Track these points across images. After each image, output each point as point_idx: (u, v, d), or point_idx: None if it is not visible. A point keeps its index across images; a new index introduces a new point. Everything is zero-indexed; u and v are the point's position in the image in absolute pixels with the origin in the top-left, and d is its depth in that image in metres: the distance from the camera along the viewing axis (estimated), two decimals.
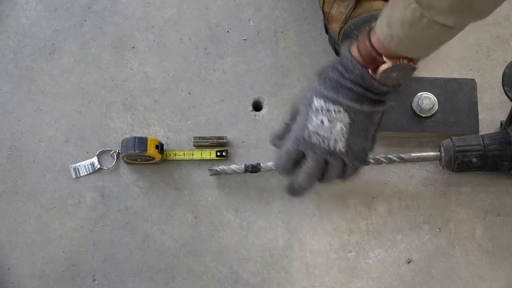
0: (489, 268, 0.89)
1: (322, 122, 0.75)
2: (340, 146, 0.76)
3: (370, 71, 0.72)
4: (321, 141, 0.76)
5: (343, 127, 0.75)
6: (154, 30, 1.01)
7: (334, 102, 0.74)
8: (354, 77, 0.73)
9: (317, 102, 0.75)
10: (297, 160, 0.78)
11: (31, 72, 0.99)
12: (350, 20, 0.89)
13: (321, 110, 0.75)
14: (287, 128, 0.80)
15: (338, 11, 0.91)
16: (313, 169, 0.78)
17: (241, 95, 0.97)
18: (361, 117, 0.75)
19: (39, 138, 0.96)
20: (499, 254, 0.89)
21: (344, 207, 0.92)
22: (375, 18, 0.87)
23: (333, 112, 0.74)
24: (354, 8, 0.90)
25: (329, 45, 0.97)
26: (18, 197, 0.93)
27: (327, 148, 0.76)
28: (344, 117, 0.74)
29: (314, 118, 0.75)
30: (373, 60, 0.71)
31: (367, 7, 0.89)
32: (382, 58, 0.71)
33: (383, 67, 0.71)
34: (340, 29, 0.91)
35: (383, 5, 0.88)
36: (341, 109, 0.74)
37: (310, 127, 0.75)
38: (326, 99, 0.74)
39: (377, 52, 0.71)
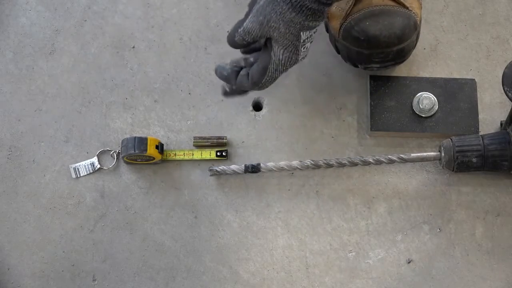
0: (489, 268, 0.89)
1: (307, 48, 0.82)
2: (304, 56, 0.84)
3: None
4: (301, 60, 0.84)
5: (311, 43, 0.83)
6: (154, 30, 1.01)
7: (314, 27, 0.80)
8: None
9: (304, 35, 0.81)
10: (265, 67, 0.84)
11: (31, 72, 0.99)
12: (350, 16, 0.89)
13: (306, 39, 0.81)
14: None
15: (338, 8, 0.91)
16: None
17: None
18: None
19: (39, 138, 0.96)
20: (499, 254, 0.89)
21: (344, 207, 0.92)
22: (375, 14, 0.87)
23: (312, 36, 0.82)
24: (354, 4, 0.89)
25: (329, 45, 0.97)
26: (18, 197, 0.93)
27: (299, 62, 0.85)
28: (314, 35, 0.82)
29: (302, 49, 0.82)
30: None
31: (367, 3, 0.89)
32: None
33: None
34: (340, 26, 0.91)
35: (383, 0, 0.88)
36: (315, 30, 0.81)
37: (299, 58, 0.83)
38: (310, 29, 0.80)
39: None
